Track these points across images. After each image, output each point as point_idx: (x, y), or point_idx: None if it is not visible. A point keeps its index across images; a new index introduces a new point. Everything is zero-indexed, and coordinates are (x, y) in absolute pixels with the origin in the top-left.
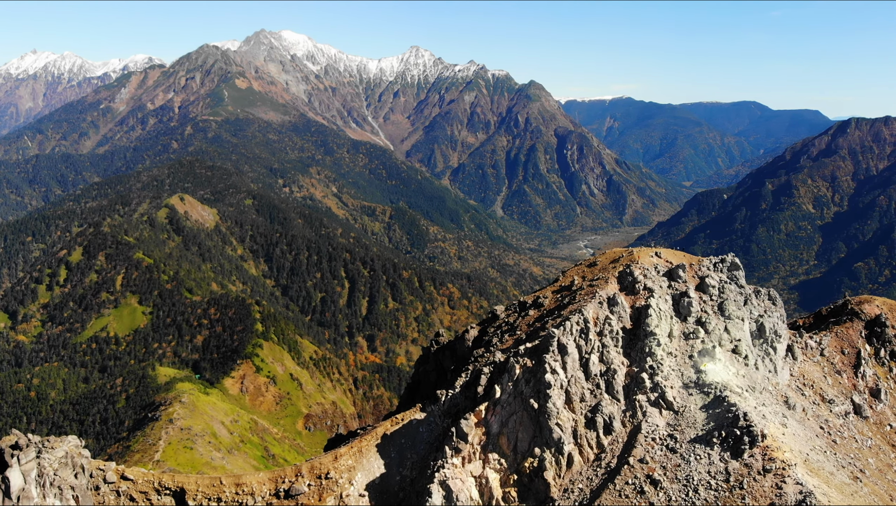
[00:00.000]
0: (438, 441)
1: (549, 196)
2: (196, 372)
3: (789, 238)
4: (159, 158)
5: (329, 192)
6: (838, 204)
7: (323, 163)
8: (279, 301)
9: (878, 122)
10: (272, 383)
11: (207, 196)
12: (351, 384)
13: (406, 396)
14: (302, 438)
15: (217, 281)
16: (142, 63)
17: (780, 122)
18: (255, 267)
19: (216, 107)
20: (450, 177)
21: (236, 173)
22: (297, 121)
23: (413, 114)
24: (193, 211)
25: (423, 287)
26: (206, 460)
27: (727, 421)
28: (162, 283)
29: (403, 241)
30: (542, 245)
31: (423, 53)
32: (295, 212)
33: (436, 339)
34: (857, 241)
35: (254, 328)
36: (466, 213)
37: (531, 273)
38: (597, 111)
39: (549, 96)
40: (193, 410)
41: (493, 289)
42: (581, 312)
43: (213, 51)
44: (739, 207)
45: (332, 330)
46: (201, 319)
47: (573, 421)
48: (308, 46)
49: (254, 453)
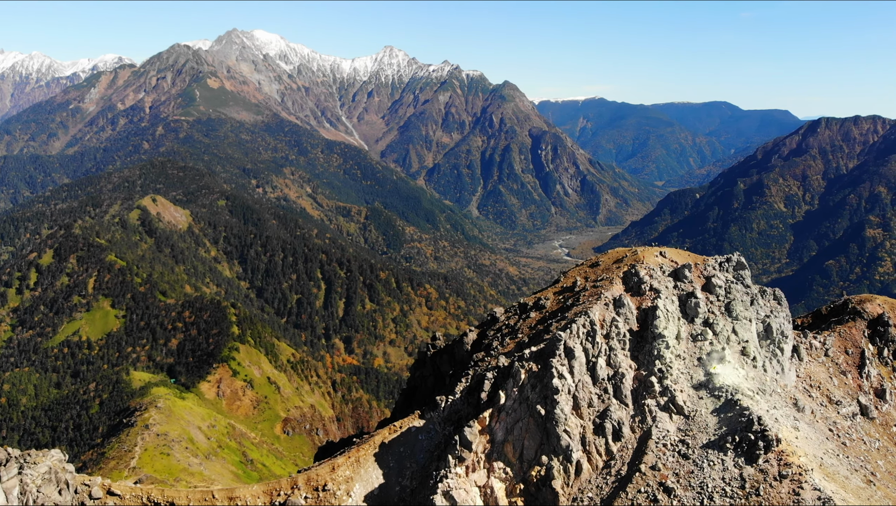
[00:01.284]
0: (439, 450)
1: (523, 196)
2: (171, 376)
3: (761, 237)
4: (130, 159)
5: (303, 192)
6: (809, 203)
7: (297, 163)
8: (254, 303)
9: (848, 121)
10: (249, 387)
11: (180, 197)
12: (329, 387)
13: (402, 401)
14: (280, 442)
15: (191, 283)
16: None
17: (751, 122)
18: (230, 269)
19: (188, 107)
20: (425, 177)
21: (209, 174)
22: (269, 121)
23: (387, 114)
24: (166, 212)
25: (401, 288)
26: (184, 466)
27: (740, 425)
28: (135, 285)
29: (379, 241)
30: (517, 245)
31: (397, 53)
32: (269, 213)
33: (432, 342)
34: (828, 239)
35: (230, 331)
36: (442, 213)
37: (507, 273)
38: (570, 112)
39: (523, 97)
40: (169, 415)
41: (471, 289)
42: (587, 314)
43: (185, 50)
44: (712, 207)
45: (308, 332)
46: (175, 322)
47: (581, 427)
48: (281, 46)
49: (232, 459)
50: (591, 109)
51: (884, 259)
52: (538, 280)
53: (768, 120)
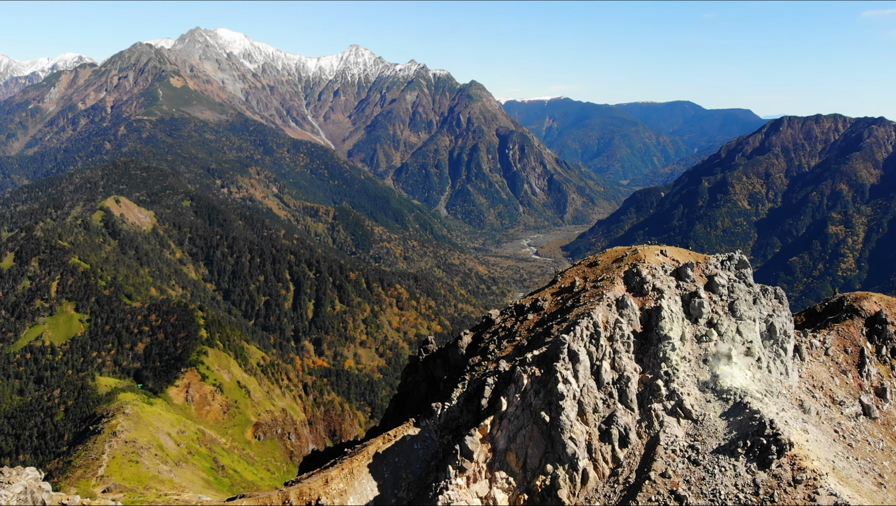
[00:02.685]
0: (437, 459)
1: (492, 195)
2: (138, 381)
3: (726, 234)
4: (92, 160)
5: (269, 192)
6: (772, 200)
7: (262, 163)
8: (221, 306)
9: (810, 120)
10: (219, 392)
11: (143, 198)
12: (301, 390)
13: (393, 408)
14: (252, 447)
15: (156, 286)
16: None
17: (714, 122)
18: (195, 271)
19: (150, 106)
20: (393, 176)
21: (173, 174)
22: (234, 120)
23: (354, 113)
24: (130, 214)
25: (371, 288)
26: (153, 473)
27: (752, 429)
28: (99, 289)
29: (348, 242)
30: (486, 244)
31: (363, 52)
32: (235, 213)
33: (424, 346)
34: (792, 236)
35: (198, 335)
36: (411, 212)
37: (477, 272)
38: (536, 111)
39: (491, 96)
40: (138, 421)
41: (441, 289)
42: (589, 315)
43: (147, 49)
44: (677, 205)
45: (277, 334)
46: (142, 325)
47: (587, 434)
48: (245, 44)
49: (202, 465)
50: (556, 109)
51: (846, 255)
52: (507, 279)
53: (731, 119)
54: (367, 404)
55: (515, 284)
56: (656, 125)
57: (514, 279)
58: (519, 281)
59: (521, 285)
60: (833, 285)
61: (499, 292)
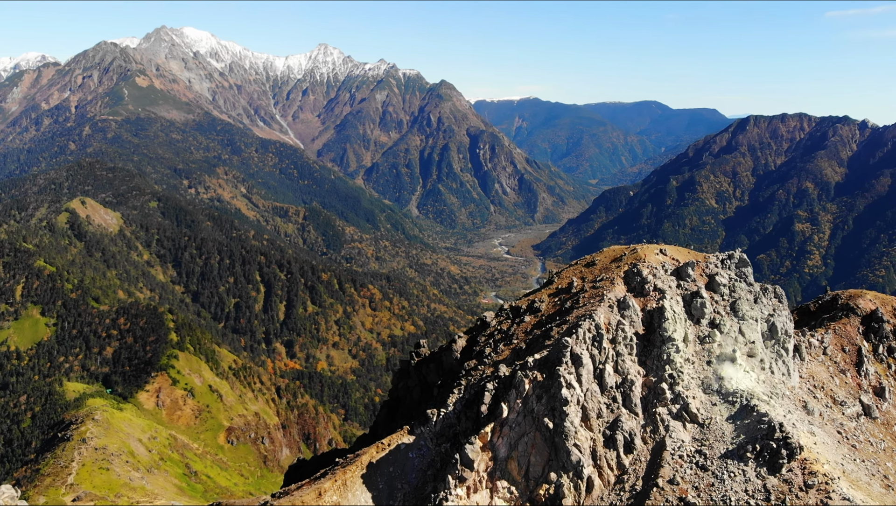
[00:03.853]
0: (434, 469)
1: (463, 195)
2: (107, 386)
3: (694, 232)
4: (56, 161)
5: (238, 192)
6: (739, 199)
7: (230, 163)
8: (190, 308)
9: (776, 119)
10: (190, 396)
11: (109, 199)
12: (274, 394)
13: (384, 415)
14: (225, 452)
15: (123, 288)
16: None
17: (680, 121)
18: (163, 273)
19: (116, 106)
20: (363, 176)
21: (139, 175)
22: (201, 119)
23: (323, 112)
24: (96, 215)
25: (343, 289)
26: (125, 480)
27: (761, 433)
28: (66, 292)
29: (319, 242)
30: (458, 244)
31: (332, 51)
32: (203, 214)
33: (416, 350)
34: (759, 234)
35: (167, 338)
36: (382, 212)
37: (449, 272)
38: (505, 111)
39: (461, 96)
40: (108, 427)
41: (413, 289)
42: (591, 317)
43: (112, 48)
44: (645, 204)
45: (247, 337)
46: (110, 329)
47: (591, 440)
48: (211, 43)
49: (175, 471)
50: (526, 109)
51: (812, 253)
52: (480, 279)
53: (697, 118)
54: (341, 407)
55: (488, 284)
56: (624, 125)
57: (487, 279)
58: (491, 280)
59: (494, 285)
60: (800, 283)
61: (471, 292)
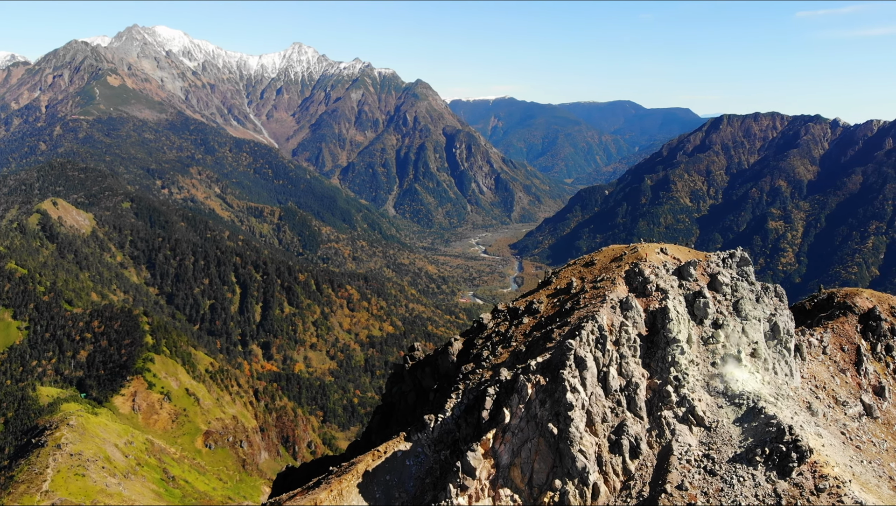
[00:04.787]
0: (432, 476)
1: (439, 194)
2: (82, 391)
3: (668, 231)
4: (26, 161)
5: (212, 193)
6: (713, 197)
7: (204, 162)
8: (164, 310)
9: (749, 118)
10: (167, 400)
11: (82, 200)
12: (251, 396)
13: (378, 421)
14: (202, 456)
15: (97, 291)
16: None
17: (654, 120)
18: (137, 274)
19: (87, 105)
20: (339, 176)
21: (111, 175)
22: (174, 119)
23: (298, 111)
24: (68, 216)
25: (321, 290)
26: (101, 487)
27: (770, 436)
28: (38, 294)
29: (294, 242)
30: (435, 243)
31: (306, 50)
32: (177, 214)
33: (410, 353)
34: (733, 232)
35: (143, 341)
36: (358, 212)
37: (427, 272)
38: (481, 111)
39: (437, 95)
40: (83, 433)
41: (391, 289)
42: (594, 318)
43: (83, 47)
44: (621, 202)
45: (223, 339)
46: (84, 332)
47: (596, 445)
48: (184, 42)
49: (152, 477)
50: (501, 109)
51: (786, 250)
52: (457, 278)
53: (670, 118)
54: (319, 408)
55: (465, 283)
56: (598, 124)
57: (464, 278)
58: (469, 280)
59: (471, 284)
60: (774, 280)
61: (449, 292)
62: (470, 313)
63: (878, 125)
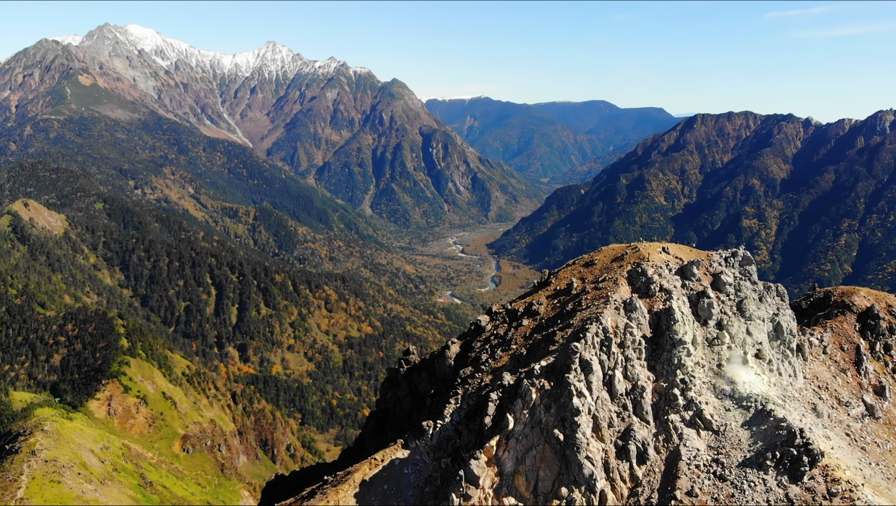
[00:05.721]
0: (431, 485)
1: (416, 194)
2: (56, 395)
3: (644, 229)
4: None
5: (185, 193)
6: (688, 196)
7: (177, 162)
8: (138, 312)
9: (722, 117)
10: (143, 404)
11: (53, 201)
12: (229, 400)
13: (373, 428)
14: (180, 461)
15: (70, 293)
16: None
17: (628, 120)
18: (111, 276)
19: (58, 105)
20: (315, 176)
21: (84, 176)
22: (147, 119)
23: (272, 111)
24: (39, 217)
25: (298, 291)
26: (77, 493)
27: (780, 439)
28: (10, 297)
29: (270, 243)
30: (412, 243)
31: (280, 49)
32: (150, 215)
33: (405, 357)
34: (707, 230)
35: (118, 344)
36: (335, 212)
37: (405, 272)
38: (457, 110)
39: (413, 95)
40: (58, 438)
41: (369, 289)
42: (598, 320)
43: (53, 46)
44: (596, 201)
45: (199, 341)
46: (57, 336)
47: (603, 452)
48: (157, 41)
49: (129, 482)
50: (477, 108)
51: (760, 248)
52: (435, 278)
53: (644, 118)
54: (298, 411)
55: (443, 283)
56: (573, 124)
57: (442, 278)
58: (447, 280)
59: (449, 284)
60: None
61: (427, 291)
62: (448, 313)
63: (850, 124)
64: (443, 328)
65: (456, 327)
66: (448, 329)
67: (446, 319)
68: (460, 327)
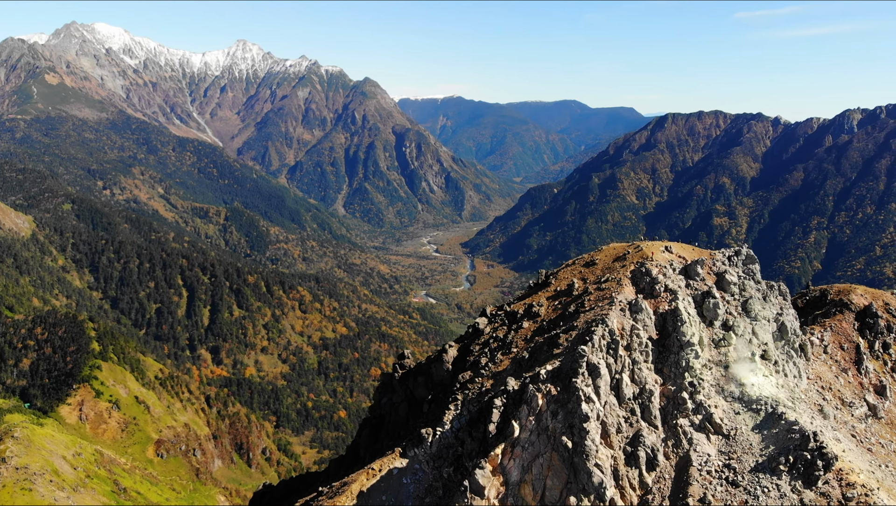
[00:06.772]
0: (432, 495)
1: (390, 193)
2: (25, 401)
3: (616, 228)
4: None
5: (155, 193)
6: (659, 194)
7: (146, 162)
8: (108, 315)
9: (692, 116)
10: (115, 408)
11: (20, 202)
12: (203, 403)
13: (368, 435)
14: (154, 466)
15: (38, 296)
16: None
17: (599, 120)
18: (80, 278)
19: (24, 104)
20: (287, 175)
21: (51, 176)
22: (115, 118)
23: (243, 110)
24: (6, 219)
25: (271, 292)
26: (49, 501)
27: (793, 443)
28: None
29: (242, 243)
30: (386, 243)
31: (251, 47)
32: (120, 216)
33: (400, 362)
34: (679, 228)
35: (89, 348)
36: (308, 212)
37: (379, 272)
38: (430, 110)
39: (385, 94)
40: (29, 445)
41: (343, 290)
42: (604, 322)
43: (19, 44)
44: (569, 200)
45: (171, 344)
46: (26, 339)
47: (612, 459)
48: (125, 39)
49: (102, 489)
50: (450, 108)
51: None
52: (410, 277)
53: (615, 117)
54: (272, 414)
55: (418, 283)
56: (546, 124)
57: (417, 277)
58: (421, 279)
59: (424, 284)
60: None
61: (402, 291)
62: (423, 313)
63: (818, 123)
64: (418, 328)
65: (431, 327)
66: (423, 329)
67: (421, 319)
68: (435, 327)
